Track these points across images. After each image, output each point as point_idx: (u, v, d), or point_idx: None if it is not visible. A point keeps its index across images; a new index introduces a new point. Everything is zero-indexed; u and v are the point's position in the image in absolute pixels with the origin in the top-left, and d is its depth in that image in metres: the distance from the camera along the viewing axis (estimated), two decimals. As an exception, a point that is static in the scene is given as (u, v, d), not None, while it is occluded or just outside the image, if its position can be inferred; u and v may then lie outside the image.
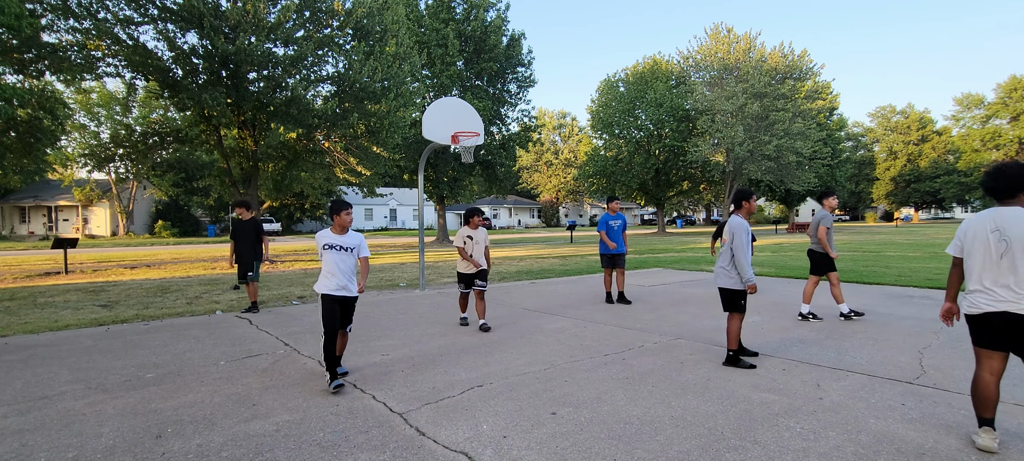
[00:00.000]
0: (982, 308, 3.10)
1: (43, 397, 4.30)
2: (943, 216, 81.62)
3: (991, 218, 3.12)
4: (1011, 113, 49.96)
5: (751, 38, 35.91)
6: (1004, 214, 3.08)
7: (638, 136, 38.66)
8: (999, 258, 3.05)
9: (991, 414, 3.12)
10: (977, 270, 3.16)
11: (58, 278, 13.31)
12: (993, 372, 3.13)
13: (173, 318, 7.75)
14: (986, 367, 3.15)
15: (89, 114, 35.73)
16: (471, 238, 6.73)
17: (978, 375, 3.18)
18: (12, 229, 43.48)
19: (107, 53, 13.93)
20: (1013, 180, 3.06)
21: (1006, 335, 3.06)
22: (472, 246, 6.74)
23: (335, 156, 18.34)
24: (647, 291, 9.95)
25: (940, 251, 18.32)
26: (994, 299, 3.06)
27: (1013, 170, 3.08)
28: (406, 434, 3.48)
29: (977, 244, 3.17)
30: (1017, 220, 3.02)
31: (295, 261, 18.16)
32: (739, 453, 3.12)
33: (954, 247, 3.35)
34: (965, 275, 3.29)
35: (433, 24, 26.86)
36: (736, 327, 4.86)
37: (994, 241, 3.07)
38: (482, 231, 6.84)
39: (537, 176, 79.93)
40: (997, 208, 3.14)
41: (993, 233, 3.09)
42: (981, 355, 3.18)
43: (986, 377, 3.14)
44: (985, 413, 3.13)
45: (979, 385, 3.16)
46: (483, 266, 6.76)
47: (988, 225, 3.12)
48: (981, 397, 3.14)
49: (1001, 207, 3.13)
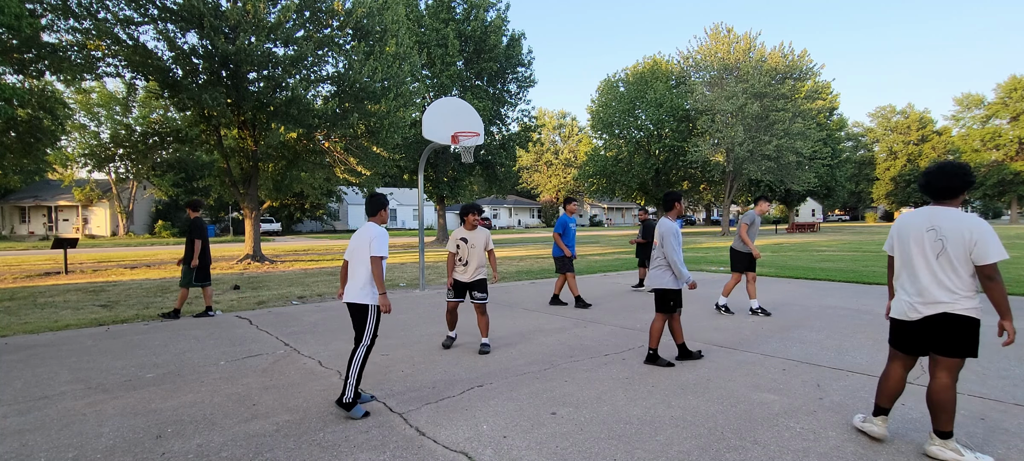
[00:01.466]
0: (921, 313, 3.01)
1: (43, 397, 4.30)
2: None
3: (927, 216, 3.04)
4: (1011, 113, 49.90)
5: (751, 38, 35.91)
6: (941, 214, 3.00)
7: (638, 136, 38.66)
8: (935, 257, 2.98)
9: (890, 405, 3.19)
10: (908, 270, 3.09)
11: (58, 278, 13.30)
12: (904, 368, 3.18)
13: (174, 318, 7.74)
14: (899, 364, 3.18)
15: (89, 114, 35.70)
16: (466, 241, 5.60)
17: (890, 371, 3.20)
18: (12, 229, 43.47)
19: (107, 53, 13.92)
20: (953, 179, 2.98)
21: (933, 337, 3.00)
22: (467, 250, 5.58)
23: (335, 156, 18.33)
24: (647, 291, 9.94)
25: (940, 251, 18.28)
26: (927, 302, 2.98)
27: (953, 169, 3.00)
28: (406, 434, 3.47)
29: (909, 243, 3.09)
30: (957, 221, 2.93)
31: (295, 261, 18.16)
32: (739, 453, 3.12)
33: (889, 245, 3.30)
34: (895, 276, 3.23)
35: (433, 24, 26.86)
36: (659, 327, 4.99)
37: (930, 240, 2.99)
38: (482, 232, 5.68)
39: (537, 176, 79.96)
40: (933, 207, 3.07)
41: (929, 232, 3.01)
42: (897, 356, 3.19)
43: (898, 372, 3.18)
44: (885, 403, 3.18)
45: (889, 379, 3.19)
46: (480, 275, 5.67)
47: (924, 223, 3.04)
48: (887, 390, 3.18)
49: (937, 206, 3.06)
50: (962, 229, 2.89)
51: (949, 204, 3.04)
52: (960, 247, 2.90)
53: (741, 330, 6.43)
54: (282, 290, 10.72)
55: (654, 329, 5.01)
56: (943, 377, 2.96)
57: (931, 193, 3.09)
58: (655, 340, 4.99)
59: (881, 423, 3.21)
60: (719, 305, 7.63)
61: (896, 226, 3.21)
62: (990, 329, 6.22)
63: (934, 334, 2.98)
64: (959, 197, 3.03)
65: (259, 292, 10.48)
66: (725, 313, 7.50)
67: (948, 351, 2.95)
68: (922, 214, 3.08)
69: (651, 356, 5.01)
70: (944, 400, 2.94)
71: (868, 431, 3.24)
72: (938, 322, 2.95)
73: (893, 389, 3.18)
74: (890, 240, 3.26)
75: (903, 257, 3.13)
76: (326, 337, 6.34)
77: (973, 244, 2.86)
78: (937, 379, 2.98)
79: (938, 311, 2.94)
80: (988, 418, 3.59)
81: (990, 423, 3.50)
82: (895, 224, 3.24)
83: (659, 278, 4.96)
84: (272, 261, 17.33)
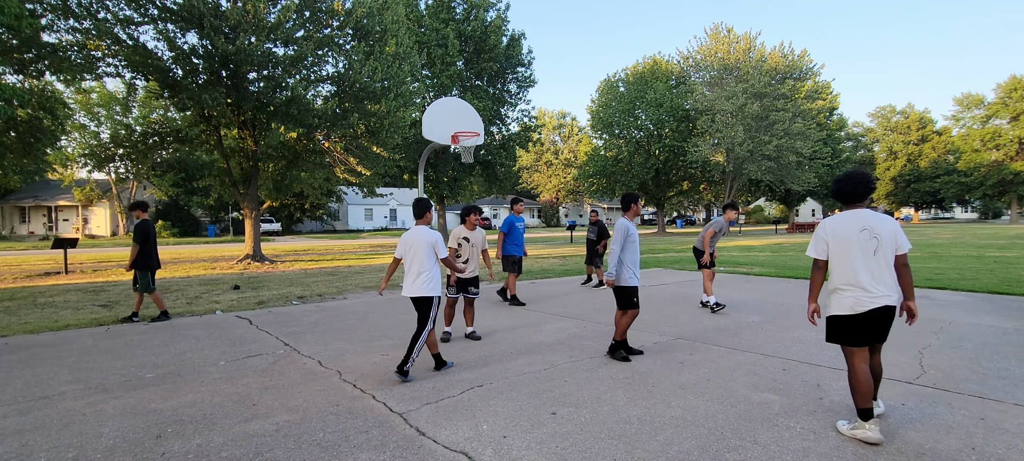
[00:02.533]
0: (868, 306, 3.24)
1: (43, 397, 4.30)
2: (943, 216, 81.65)
3: (854, 218, 3.34)
4: (1011, 113, 49.84)
5: (751, 38, 35.92)
6: (864, 215, 3.34)
7: (638, 136, 38.65)
8: (873, 254, 3.26)
9: (871, 404, 3.27)
10: (853, 268, 3.29)
11: (58, 278, 13.30)
12: (866, 361, 3.34)
13: (173, 318, 7.75)
14: (862, 359, 3.33)
15: (89, 114, 35.71)
16: (467, 240, 6.15)
17: (856, 369, 3.30)
18: (12, 229, 43.48)
19: (107, 53, 13.91)
20: (862, 185, 3.36)
21: (877, 326, 3.29)
22: (468, 249, 6.14)
23: (335, 156, 18.32)
24: (647, 291, 9.94)
25: (940, 251, 18.31)
26: (872, 296, 3.24)
27: (861, 177, 3.38)
28: (406, 434, 3.47)
29: (849, 245, 3.32)
30: (880, 220, 3.30)
31: (295, 261, 18.16)
32: (739, 453, 3.12)
33: (818, 249, 3.47)
34: (834, 276, 3.41)
35: (433, 24, 26.87)
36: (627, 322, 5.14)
37: (866, 239, 3.28)
38: (479, 232, 6.24)
39: (537, 176, 79.94)
40: (852, 211, 3.39)
41: (862, 231, 3.29)
42: (854, 353, 3.33)
43: (864, 368, 3.31)
44: (866, 404, 3.26)
45: (860, 379, 3.28)
46: (476, 273, 6.18)
47: (855, 225, 3.32)
48: (864, 390, 3.26)
49: (854, 209, 3.39)
50: (888, 226, 3.31)
51: (859, 207, 3.39)
52: (890, 242, 3.28)
53: (741, 330, 6.43)
54: (282, 290, 10.73)
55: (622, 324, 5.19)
56: (876, 357, 3.43)
57: (843, 198, 3.44)
58: (621, 332, 5.21)
59: (874, 426, 3.20)
60: (704, 302, 7.84)
61: (829, 231, 3.42)
62: (991, 330, 6.23)
63: (876, 325, 3.29)
64: (865, 200, 3.40)
65: (259, 292, 10.48)
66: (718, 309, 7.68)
67: (883, 337, 3.35)
68: (848, 217, 3.38)
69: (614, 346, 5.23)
70: (880, 373, 3.45)
71: (864, 438, 3.19)
72: (881, 314, 3.27)
73: (868, 385, 3.29)
74: (819, 245, 3.45)
75: (844, 257, 3.34)
76: (326, 337, 6.34)
77: (896, 237, 3.29)
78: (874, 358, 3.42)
79: (883, 304, 3.24)
80: (988, 418, 3.59)
81: (990, 423, 3.50)
82: (827, 229, 3.43)
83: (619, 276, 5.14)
84: (272, 261, 17.33)
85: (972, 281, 10.43)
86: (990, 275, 11.33)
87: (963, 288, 9.64)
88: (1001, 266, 13.11)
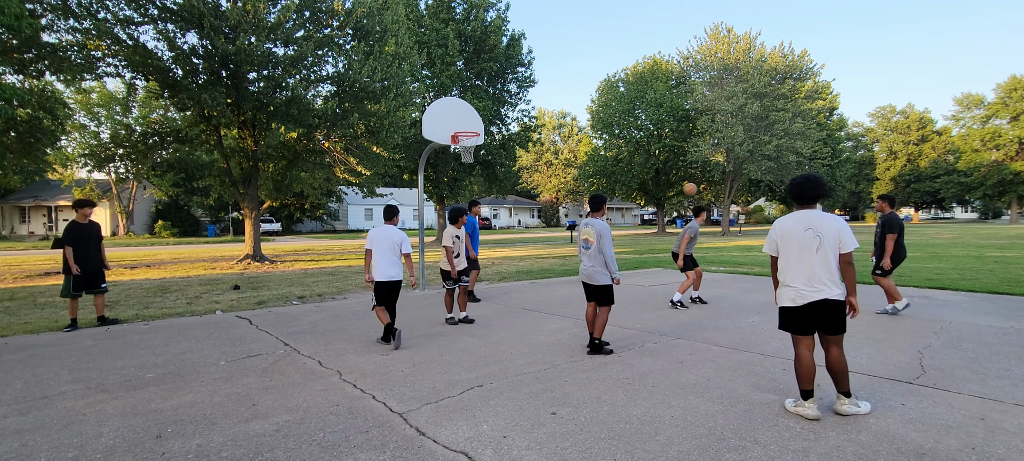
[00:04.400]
0: (808, 298, 3.57)
1: (43, 397, 4.30)
2: (943, 216, 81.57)
3: (801, 218, 3.65)
4: (1011, 113, 49.80)
5: (751, 38, 35.89)
6: (811, 215, 3.65)
7: (638, 136, 38.65)
8: (815, 252, 3.57)
9: (812, 386, 3.61)
10: (795, 264, 3.63)
11: (58, 278, 13.30)
12: (809, 349, 3.66)
13: (173, 318, 7.75)
14: (805, 347, 3.66)
15: (89, 114, 35.70)
16: (459, 238, 7.12)
17: (800, 355, 3.66)
18: (12, 229, 43.48)
19: (107, 53, 13.90)
20: (816, 187, 3.67)
21: (819, 318, 3.59)
22: (460, 246, 7.14)
23: (335, 156, 18.31)
24: (647, 291, 9.94)
25: (940, 251, 18.32)
26: (815, 290, 3.56)
27: (816, 181, 3.68)
28: (406, 434, 3.47)
29: (793, 243, 3.65)
30: (825, 220, 3.61)
31: (295, 261, 18.16)
32: (739, 453, 3.12)
33: (770, 247, 3.83)
34: (782, 271, 3.74)
35: (433, 24, 26.85)
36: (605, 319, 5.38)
37: (809, 238, 3.59)
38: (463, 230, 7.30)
39: (537, 176, 79.92)
40: (802, 211, 3.70)
41: (807, 231, 3.60)
42: (799, 340, 3.69)
43: (806, 355, 3.64)
44: (808, 386, 3.61)
45: (802, 364, 3.64)
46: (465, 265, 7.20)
47: (801, 225, 3.63)
48: (804, 374, 3.62)
49: (804, 210, 3.70)
50: (831, 226, 3.59)
51: (812, 208, 3.71)
52: (833, 240, 3.57)
53: (741, 330, 6.43)
54: (282, 290, 10.72)
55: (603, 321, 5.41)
56: (834, 350, 3.64)
57: (799, 199, 3.73)
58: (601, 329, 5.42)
59: (812, 405, 3.60)
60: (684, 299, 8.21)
61: (779, 230, 3.75)
62: (991, 330, 6.23)
63: (818, 317, 3.59)
64: (817, 202, 3.73)
65: (259, 292, 10.48)
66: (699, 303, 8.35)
67: (832, 330, 3.61)
68: (796, 218, 3.69)
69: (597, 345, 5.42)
70: (841, 367, 3.63)
71: (804, 414, 3.60)
72: (820, 307, 3.57)
73: (809, 370, 3.62)
74: (772, 243, 3.80)
75: (788, 254, 3.67)
76: (326, 337, 6.34)
77: (839, 236, 3.57)
78: (830, 353, 3.65)
79: (820, 297, 3.55)
80: (988, 418, 3.59)
81: (990, 423, 3.50)
82: (777, 229, 3.77)
83: (602, 275, 5.31)
84: (272, 261, 17.33)
85: (972, 281, 10.43)
86: (990, 275, 11.33)
87: (963, 288, 9.64)
88: (1001, 266, 13.11)
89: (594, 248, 5.26)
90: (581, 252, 5.43)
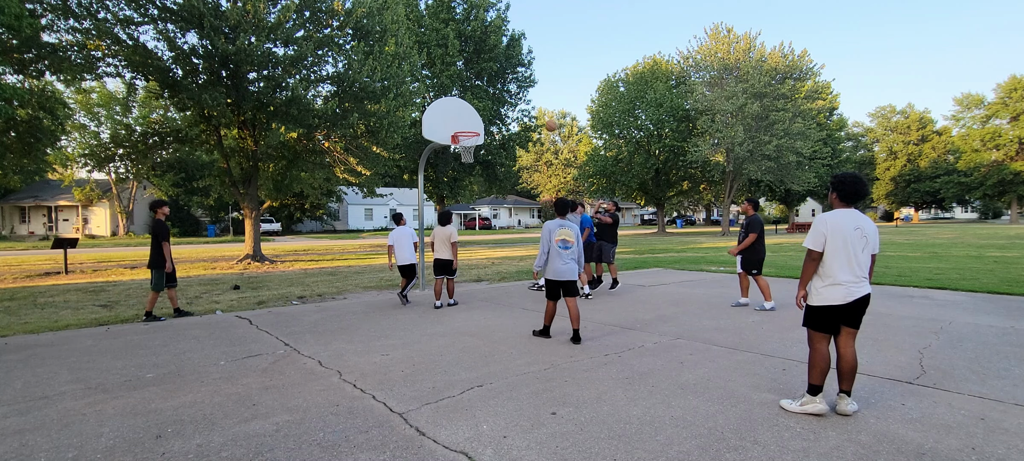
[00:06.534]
0: (856, 295, 3.62)
1: (43, 397, 4.30)
2: (943, 216, 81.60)
3: (851, 217, 3.70)
4: (1011, 113, 49.80)
5: (751, 38, 35.90)
6: (857, 214, 3.72)
7: (638, 136, 38.65)
8: (862, 251, 3.66)
9: (824, 381, 3.69)
10: (845, 262, 3.65)
11: (58, 278, 13.30)
12: (828, 344, 3.73)
13: (173, 318, 7.74)
14: (825, 342, 3.72)
15: (89, 114, 35.67)
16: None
17: (820, 350, 3.70)
18: (12, 229, 43.46)
19: (107, 53, 13.90)
20: (865, 186, 3.76)
21: (858, 313, 3.67)
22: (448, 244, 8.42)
23: (335, 156, 18.31)
24: (647, 291, 9.94)
25: (940, 251, 18.32)
26: (861, 287, 3.63)
27: (864, 180, 3.75)
28: (406, 434, 3.47)
29: (845, 241, 3.66)
30: (868, 221, 3.72)
31: (295, 261, 18.16)
32: (739, 453, 3.12)
33: (816, 242, 3.73)
34: (828, 267, 3.69)
35: (433, 24, 26.86)
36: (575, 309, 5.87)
37: (857, 237, 3.65)
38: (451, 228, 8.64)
39: (537, 176, 79.96)
40: (847, 210, 3.73)
41: (855, 230, 3.65)
42: (821, 337, 3.72)
43: (825, 349, 3.71)
44: (821, 381, 3.68)
45: (823, 357, 3.69)
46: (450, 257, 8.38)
47: (850, 224, 3.67)
48: (823, 368, 3.68)
49: (848, 209, 3.74)
50: (872, 227, 3.71)
51: (856, 207, 3.80)
52: (875, 242, 3.72)
53: (741, 330, 6.43)
54: (282, 290, 10.72)
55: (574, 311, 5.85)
56: (852, 347, 3.72)
57: (851, 198, 3.75)
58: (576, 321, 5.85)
59: (821, 400, 3.65)
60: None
61: (830, 227, 3.69)
62: (991, 330, 6.23)
63: (856, 312, 3.67)
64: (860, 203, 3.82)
65: (259, 292, 10.48)
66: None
67: (858, 323, 3.71)
68: (845, 216, 3.71)
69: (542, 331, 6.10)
70: (856, 364, 3.70)
71: (813, 411, 3.63)
72: (862, 303, 3.66)
73: (828, 364, 3.71)
74: (820, 238, 3.71)
75: (838, 252, 3.66)
76: (326, 337, 6.34)
77: (877, 238, 3.75)
78: (849, 350, 3.71)
79: (864, 293, 3.64)
80: (988, 418, 3.59)
81: (990, 423, 3.50)
82: (827, 225, 3.70)
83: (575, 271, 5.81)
84: (272, 261, 17.33)
85: (972, 281, 10.42)
86: (990, 275, 11.33)
87: (963, 288, 9.64)
88: (1001, 266, 13.11)
89: (574, 248, 5.80)
90: (558, 253, 5.77)
